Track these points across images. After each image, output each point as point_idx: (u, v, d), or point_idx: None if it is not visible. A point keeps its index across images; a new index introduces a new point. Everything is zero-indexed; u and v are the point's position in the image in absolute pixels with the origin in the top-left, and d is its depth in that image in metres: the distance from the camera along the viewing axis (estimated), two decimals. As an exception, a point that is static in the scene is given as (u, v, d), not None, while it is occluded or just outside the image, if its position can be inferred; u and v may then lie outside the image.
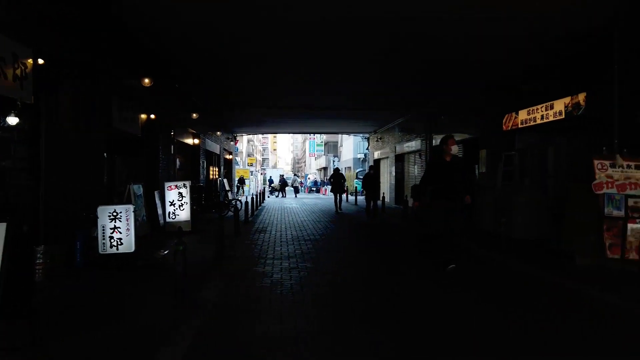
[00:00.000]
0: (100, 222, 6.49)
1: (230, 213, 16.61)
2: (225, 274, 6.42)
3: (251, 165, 44.62)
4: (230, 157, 25.78)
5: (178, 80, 12.67)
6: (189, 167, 16.30)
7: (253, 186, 36.61)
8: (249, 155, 58.74)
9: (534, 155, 10.95)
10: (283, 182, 35.09)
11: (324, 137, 49.63)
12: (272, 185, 38.03)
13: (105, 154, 9.14)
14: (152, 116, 11.10)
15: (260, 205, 21.06)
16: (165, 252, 7.83)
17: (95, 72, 7.77)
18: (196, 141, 16.25)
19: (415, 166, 19.35)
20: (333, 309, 4.87)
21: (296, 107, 17.31)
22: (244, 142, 59.44)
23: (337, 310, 4.82)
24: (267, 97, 15.52)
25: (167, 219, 11.03)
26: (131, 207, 6.60)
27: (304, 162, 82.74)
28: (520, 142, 11.33)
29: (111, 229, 6.50)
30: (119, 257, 6.57)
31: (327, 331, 4.12)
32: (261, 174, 51.72)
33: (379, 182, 16.30)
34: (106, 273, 6.30)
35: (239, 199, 18.92)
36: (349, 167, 39.50)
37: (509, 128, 11.38)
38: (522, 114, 10.76)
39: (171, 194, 11.08)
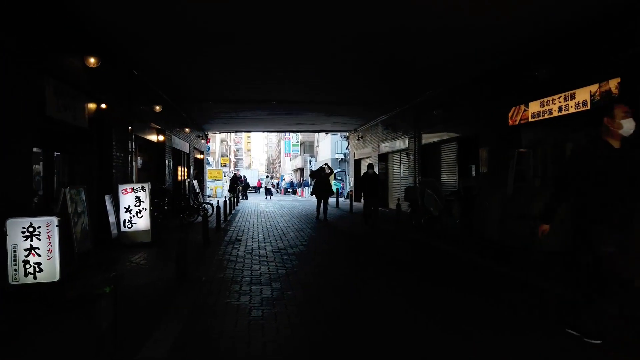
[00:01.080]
0: (10, 241, 4.64)
1: (202, 217, 14.75)
2: (185, 309, 4.67)
3: (224, 166, 42.51)
4: (202, 156, 23.77)
5: (136, 66, 10.79)
6: (153, 167, 14.35)
7: (226, 188, 34.61)
8: (222, 155, 56.48)
9: (545, 153, 9.56)
10: (245, 184, 32.95)
11: (300, 136, 47.91)
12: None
13: (36, 149, 7.23)
14: (103, 106, 9.20)
15: (234, 208, 19.22)
16: (112, 275, 6.00)
17: (19, 44, 5.89)
18: (161, 138, 14.32)
19: (401, 166, 17.89)
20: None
21: (267, 101, 15.58)
22: (216, 141, 57.12)
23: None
24: (235, 88, 13.76)
25: (122, 229, 9.15)
26: (55, 220, 4.78)
27: (279, 162, 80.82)
28: (528, 139, 9.93)
29: (26, 250, 4.66)
30: (39, 288, 4.74)
31: None
32: (237, 174, 49.64)
33: (378, 183, 13.24)
34: (19, 308, 4.47)
35: (210, 202, 17.00)
36: (326, 168, 37.91)
37: (516, 123, 9.97)
38: (534, 106, 9.35)
39: (127, 199, 9.20)
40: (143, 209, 9.26)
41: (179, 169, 17.74)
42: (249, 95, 14.91)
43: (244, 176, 36.65)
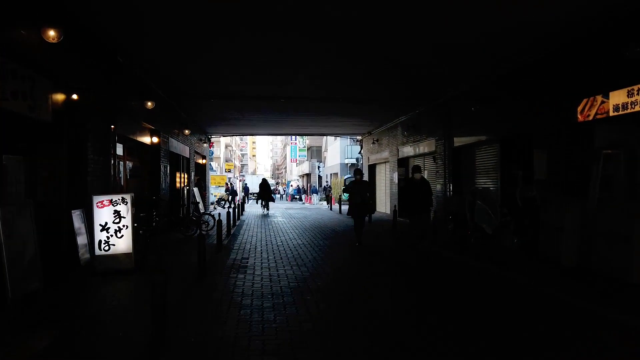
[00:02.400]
0: None
1: (203, 230, 12.73)
2: None
3: (229, 172, 40.56)
4: (204, 161, 21.79)
5: (124, 53, 8.82)
6: (147, 174, 12.36)
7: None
8: (227, 160, 54.58)
9: (635, 155, 7.48)
10: (232, 191, 29.67)
11: (307, 141, 45.93)
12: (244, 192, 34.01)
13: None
14: (75, 96, 7.22)
15: (238, 218, 17.18)
16: (49, 342, 3.96)
17: None
18: (156, 140, 12.33)
19: (425, 172, 15.80)
20: None
21: (276, 98, 13.59)
22: (221, 147, 55.35)
23: None
24: (241, 83, 11.78)
25: (98, 251, 7.12)
26: None
27: (285, 168, 78.86)
28: (604, 138, 7.85)
29: None
30: None
31: None
32: (240, 180, 47.63)
33: (430, 193, 10.05)
34: None
35: (211, 212, 14.96)
36: (336, 174, 35.90)
37: (590, 118, 7.88)
38: (617, 96, 7.27)
39: (103, 214, 7.18)
40: (124, 226, 7.23)
41: (178, 175, 15.74)
42: (256, 91, 12.92)
43: (231, 183, 33.88)
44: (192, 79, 11.44)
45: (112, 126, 8.80)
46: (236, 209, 15.80)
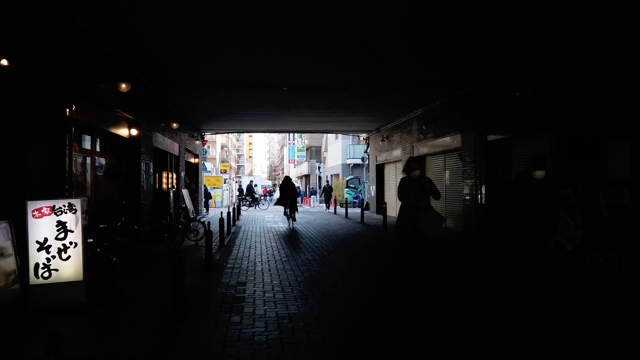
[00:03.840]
0: None
1: (191, 240, 10.60)
2: None
3: (225, 172, 38.38)
4: (196, 160, 19.62)
5: (84, 16, 6.67)
6: (123, 173, 10.21)
7: (227, 197, 30.48)
8: (222, 161, 52.39)
9: None
10: (207, 195, 24.05)
11: (306, 141, 43.83)
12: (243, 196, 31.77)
13: None
14: (4, 62, 5.10)
15: (234, 224, 15.03)
16: None
17: None
18: (134, 132, 10.18)
19: (447, 172, 13.74)
20: None
21: (278, 86, 11.49)
22: (217, 147, 53.15)
23: None
24: (238, 65, 9.62)
25: (34, 279, 4.99)
26: None
27: (282, 169, 76.75)
28: None
29: None
30: None
31: None
32: (236, 182, 45.43)
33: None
34: None
35: (202, 218, 12.78)
36: (337, 175, 33.82)
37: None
38: None
39: (42, 226, 5.04)
40: (71, 243, 5.10)
41: (165, 175, 13.59)
42: (257, 78, 10.79)
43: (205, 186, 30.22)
44: (181, 60, 9.29)
45: (68, 109, 6.65)
46: (231, 214, 13.65)
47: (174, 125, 13.47)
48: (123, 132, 9.90)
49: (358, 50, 8.63)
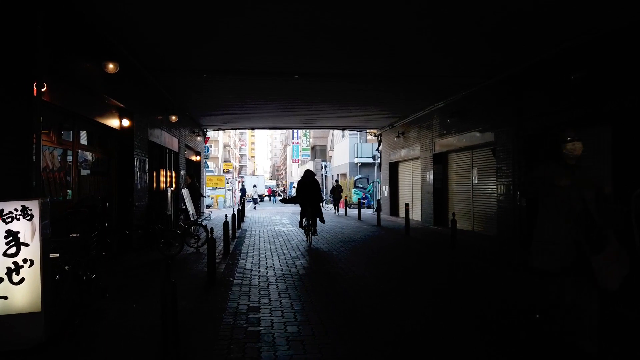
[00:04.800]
0: None
1: (191, 246, 9.26)
2: None
3: (227, 172, 37.03)
4: (198, 158, 18.24)
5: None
6: (114, 169, 8.85)
7: (230, 198, 29.14)
8: (225, 160, 51.06)
9: None
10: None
11: (311, 140, 42.45)
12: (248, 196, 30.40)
13: None
14: None
15: (239, 227, 13.66)
16: None
17: None
18: (127, 123, 8.82)
19: (474, 170, 12.35)
20: None
21: (288, 74, 10.14)
22: (219, 147, 51.86)
23: None
24: (242, 50, 8.23)
25: (-25, 309, 3.61)
26: None
27: (285, 169, 75.44)
28: None
29: None
30: None
31: None
32: (239, 182, 44.12)
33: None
34: None
35: (204, 221, 11.39)
36: (344, 174, 32.44)
37: None
38: None
39: (-16, 238, 3.67)
40: (26, 261, 3.74)
41: (163, 173, 12.22)
42: (264, 64, 9.43)
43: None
44: (177, 41, 7.90)
45: (38, 88, 5.27)
46: (236, 217, 12.28)
47: (173, 118, 12.10)
48: (113, 122, 8.54)
49: (376, 33, 7.29)
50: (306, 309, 4.80)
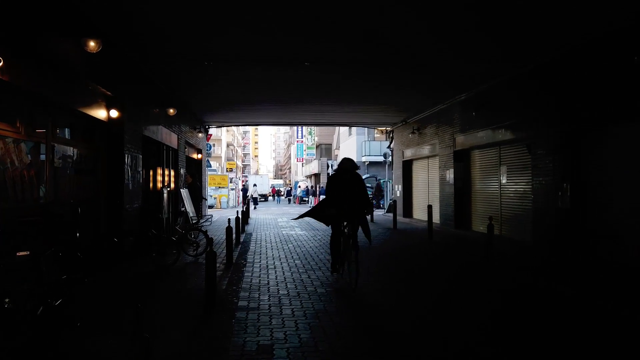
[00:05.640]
0: None
1: (190, 254, 8.11)
2: None
3: (231, 171, 35.89)
4: (199, 156, 17.06)
5: None
6: (101, 167, 7.67)
7: (233, 198, 27.99)
8: (228, 159, 49.93)
9: None
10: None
11: (316, 138, 41.25)
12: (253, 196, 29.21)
13: None
14: None
15: (243, 231, 12.49)
16: None
17: None
18: (115, 114, 7.63)
19: (503, 168, 11.13)
20: None
21: (298, 60, 8.97)
22: (222, 146, 50.73)
23: None
24: (245, 32, 7.04)
25: None
26: None
27: (289, 168, 74.27)
28: None
29: None
30: None
31: None
32: (242, 181, 42.97)
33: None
34: None
35: (204, 225, 10.20)
36: (351, 173, 31.18)
37: None
38: None
39: None
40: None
41: (160, 172, 11.05)
42: (271, 50, 8.25)
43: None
44: (174, 23, 6.73)
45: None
46: (240, 220, 11.08)
47: (171, 111, 10.92)
48: (99, 113, 7.37)
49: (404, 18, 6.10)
50: (336, 349, 3.60)
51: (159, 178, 10.93)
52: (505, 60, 9.14)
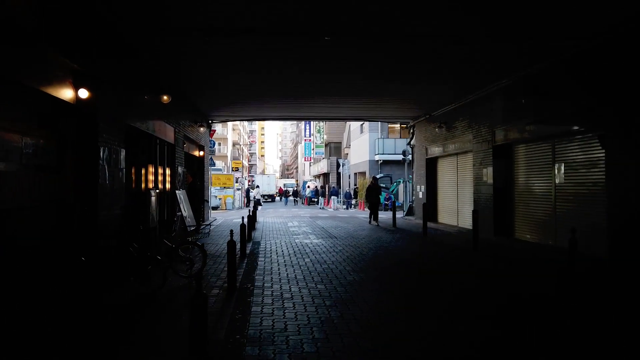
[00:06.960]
0: None
1: (182, 275, 6.29)
2: None
3: (237, 170, 34.11)
4: (201, 153, 15.24)
5: None
6: (68, 164, 5.87)
7: (239, 198, 26.22)
8: (234, 159, 48.20)
9: None
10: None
11: (325, 137, 39.40)
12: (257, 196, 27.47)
13: None
14: None
15: (249, 239, 10.66)
16: None
17: None
18: (84, 94, 5.81)
19: (558, 166, 9.23)
20: None
21: (318, 36, 7.15)
22: (228, 145, 49.05)
23: None
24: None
25: None
26: None
27: (296, 168, 72.52)
28: None
29: None
30: None
31: None
32: (248, 181, 41.23)
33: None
34: None
35: (201, 237, 8.34)
36: (363, 173, 29.38)
37: None
38: None
39: None
40: None
41: (151, 170, 9.25)
42: (284, 19, 6.43)
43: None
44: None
45: None
46: (245, 227, 9.24)
47: (165, 98, 9.09)
48: (63, 92, 5.56)
49: None
50: None
51: (151, 177, 9.14)
52: (565, 38, 7.25)
